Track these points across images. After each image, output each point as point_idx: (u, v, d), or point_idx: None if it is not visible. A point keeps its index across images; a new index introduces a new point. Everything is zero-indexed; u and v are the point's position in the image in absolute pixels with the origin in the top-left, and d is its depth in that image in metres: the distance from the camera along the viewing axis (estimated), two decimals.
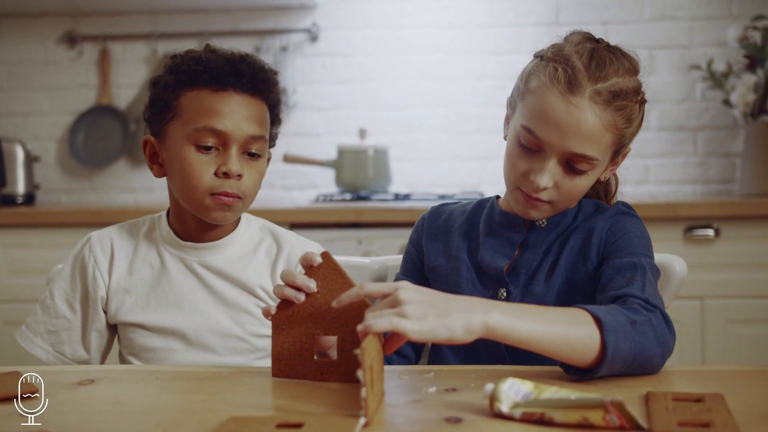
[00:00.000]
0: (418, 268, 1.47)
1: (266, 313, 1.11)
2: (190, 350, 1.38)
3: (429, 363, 1.47)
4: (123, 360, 1.43)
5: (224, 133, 1.31)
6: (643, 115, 1.32)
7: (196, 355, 1.38)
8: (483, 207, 1.45)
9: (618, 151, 1.31)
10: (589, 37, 1.30)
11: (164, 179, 1.41)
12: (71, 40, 3.33)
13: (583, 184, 1.29)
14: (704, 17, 3.11)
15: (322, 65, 3.26)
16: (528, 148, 1.28)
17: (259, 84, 1.36)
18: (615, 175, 1.44)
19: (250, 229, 1.46)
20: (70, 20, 3.33)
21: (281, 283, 1.11)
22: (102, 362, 1.44)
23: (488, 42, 3.19)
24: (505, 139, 1.37)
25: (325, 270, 1.10)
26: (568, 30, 1.34)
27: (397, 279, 1.49)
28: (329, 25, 3.25)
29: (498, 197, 1.45)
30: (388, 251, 2.50)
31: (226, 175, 1.32)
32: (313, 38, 3.25)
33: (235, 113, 1.32)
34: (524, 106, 1.29)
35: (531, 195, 1.29)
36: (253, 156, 1.36)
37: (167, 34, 3.29)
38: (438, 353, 1.40)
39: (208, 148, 1.32)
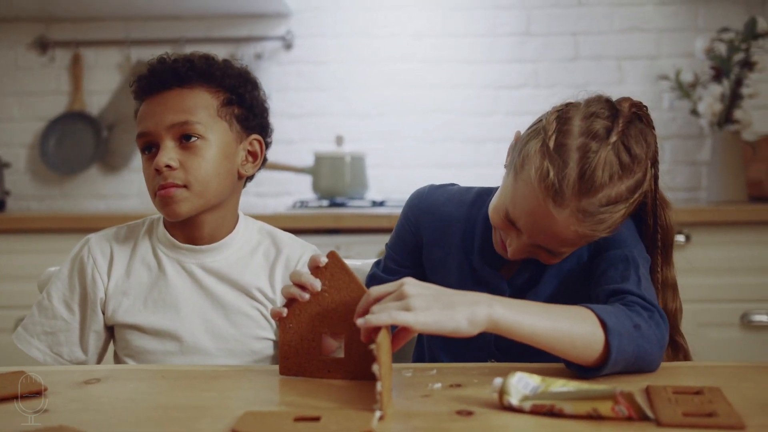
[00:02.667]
0: (410, 247, 1.46)
1: (276, 314, 1.13)
2: (187, 352, 1.39)
3: (419, 358, 1.50)
4: (118, 361, 1.43)
5: (149, 134, 1.37)
6: (636, 203, 1.23)
7: (192, 358, 1.39)
8: (483, 201, 1.41)
9: None
10: (606, 127, 1.18)
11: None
12: (43, 45, 3.31)
13: (557, 259, 1.29)
14: (672, 29, 3.18)
15: (297, 73, 3.27)
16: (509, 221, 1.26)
17: (176, 75, 1.38)
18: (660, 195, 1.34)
19: (248, 231, 1.47)
20: (41, 26, 3.31)
21: (289, 283, 1.13)
22: (98, 363, 1.44)
23: (462, 51, 3.24)
24: (504, 167, 1.32)
25: (332, 269, 1.12)
26: (582, 93, 1.27)
27: (386, 249, 1.50)
28: (304, 33, 3.27)
29: None
30: (367, 257, 2.50)
31: (158, 171, 1.35)
32: (288, 46, 3.27)
33: (155, 111, 1.37)
34: (514, 187, 1.24)
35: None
36: (189, 140, 1.36)
37: (141, 40, 3.28)
38: (430, 349, 1.42)
39: (148, 152, 1.39)
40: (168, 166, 1.34)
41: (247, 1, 3.10)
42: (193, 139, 1.36)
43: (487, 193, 1.43)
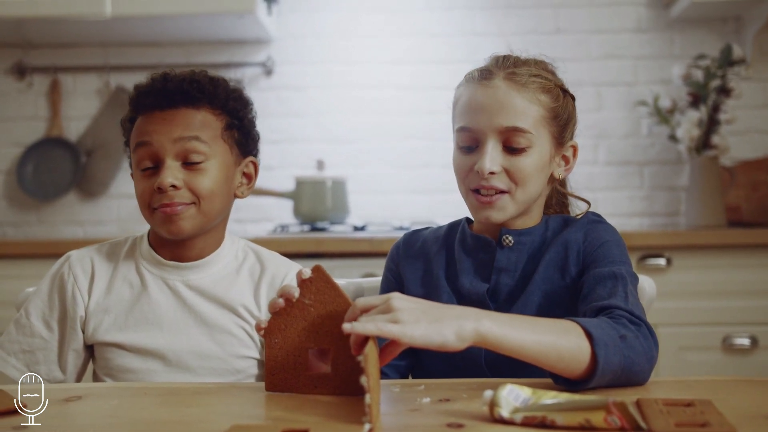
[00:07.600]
0: (395, 290, 1.47)
1: (258, 327, 1.11)
2: (170, 371, 1.37)
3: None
4: (97, 380, 1.40)
5: (151, 145, 1.35)
6: (574, 107, 1.39)
7: (175, 376, 1.37)
8: (455, 231, 1.46)
9: (560, 136, 1.36)
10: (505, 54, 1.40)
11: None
12: (21, 71, 3.28)
13: (527, 163, 1.32)
14: (649, 56, 3.22)
15: (277, 99, 3.27)
16: (468, 147, 1.34)
17: (185, 94, 1.37)
18: (565, 188, 1.49)
19: (233, 249, 1.45)
20: (19, 51, 3.28)
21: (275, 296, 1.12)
22: (77, 382, 1.41)
23: (440, 78, 3.24)
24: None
25: (318, 283, 1.10)
26: None
27: None
28: (284, 59, 3.27)
29: (470, 220, 1.47)
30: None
31: (160, 189, 1.33)
32: (268, 72, 3.27)
33: (160, 128, 1.36)
34: (455, 115, 1.38)
35: (482, 195, 1.33)
36: (194, 162, 1.36)
37: (120, 66, 3.27)
38: (419, 366, 1.41)
39: (146, 169, 1.36)
40: (173, 186, 1.33)
41: (228, 27, 3.10)
42: (198, 160, 1.36)
43: (457, 223, 1.48)
